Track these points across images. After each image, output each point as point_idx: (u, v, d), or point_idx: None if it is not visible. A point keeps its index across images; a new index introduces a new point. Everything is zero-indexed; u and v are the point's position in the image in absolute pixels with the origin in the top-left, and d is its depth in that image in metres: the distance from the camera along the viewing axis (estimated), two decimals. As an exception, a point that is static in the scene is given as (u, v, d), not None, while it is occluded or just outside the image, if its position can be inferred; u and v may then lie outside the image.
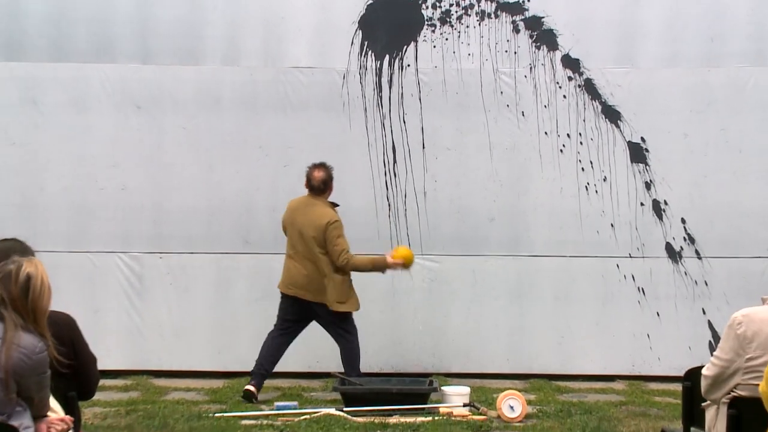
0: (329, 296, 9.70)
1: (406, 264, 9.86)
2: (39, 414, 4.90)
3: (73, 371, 5.54)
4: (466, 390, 9.54)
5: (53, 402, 5.18)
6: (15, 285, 4.79)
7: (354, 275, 9.82)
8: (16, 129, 10.87)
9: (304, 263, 9.74)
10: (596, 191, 10.94)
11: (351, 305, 9.88)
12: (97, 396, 6.72)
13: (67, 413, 5.38)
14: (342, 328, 9.94)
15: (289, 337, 9.90)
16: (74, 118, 10.87)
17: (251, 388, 9.63)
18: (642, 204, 10.94)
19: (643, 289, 10.91)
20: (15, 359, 4.69)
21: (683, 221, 10.91)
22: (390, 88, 10.98)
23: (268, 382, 10.08)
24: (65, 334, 5.54)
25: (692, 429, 6.15)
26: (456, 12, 10.92)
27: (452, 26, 10.93)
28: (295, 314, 9.85)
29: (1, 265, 4.90)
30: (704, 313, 10.82)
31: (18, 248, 5.92)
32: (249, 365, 9.87)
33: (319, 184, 9.78)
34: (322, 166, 9.83)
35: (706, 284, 10.85)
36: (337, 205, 9.86)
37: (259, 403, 9.59)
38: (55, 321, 5.13)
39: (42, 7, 10.80)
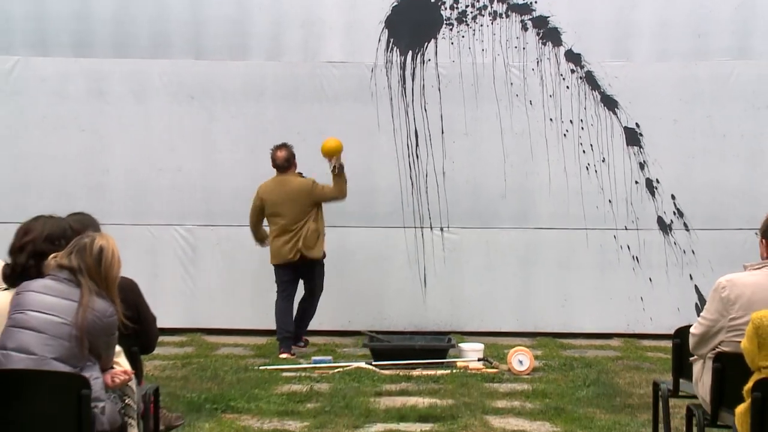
0: (302, 245, 9.74)
1: (334, 152, 9.73)
2: (105, 367, 4.96)
3: (136, 330, 5.59)
4: (480, 346, 9.55)
5: (121, 357, 5.23)
6: (90, 256, 4.85)
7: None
8: (85, 117, 10.91)
9: (287, 233, 9.73)
10: (596, 171, 10.90)
11: (317, 252, 9.87)
12: (157, 350, 6.79)
13: (131, 366, 5.44)
14: (313, 281, 10.02)
15: (290, 299, 9.94)
16: (135, 108, 10.91)
17: (285, 355, 9.69)
18: (636, 182, 10.90)
19: (637, 257, 10.88)
20: (89, 320, 4.74)
21: (673, 197, 10.87)
22: (413, 80, 10.96)
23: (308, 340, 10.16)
24: (130, 297, 5.58)
25: (681, 381, 6.15)
26: (471, 12, 10.88)
27: (468, 25, 10.89)
28: (286, 275, 9.90)
29: (77, 239, 4.97)
30: (691, 278, 10.79)
31: (88, 222, 5.99)
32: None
33: (283, 162, 9.81)
34: (283, 146, 9.88)
35: (693, 253, 10.82)
36: (302, 175, 9.93)
37: (298, 357, 9.65)
38: (121, 286, 5.15)
39: (107, 9, 10.82)
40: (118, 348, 5.09)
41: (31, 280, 4.90)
